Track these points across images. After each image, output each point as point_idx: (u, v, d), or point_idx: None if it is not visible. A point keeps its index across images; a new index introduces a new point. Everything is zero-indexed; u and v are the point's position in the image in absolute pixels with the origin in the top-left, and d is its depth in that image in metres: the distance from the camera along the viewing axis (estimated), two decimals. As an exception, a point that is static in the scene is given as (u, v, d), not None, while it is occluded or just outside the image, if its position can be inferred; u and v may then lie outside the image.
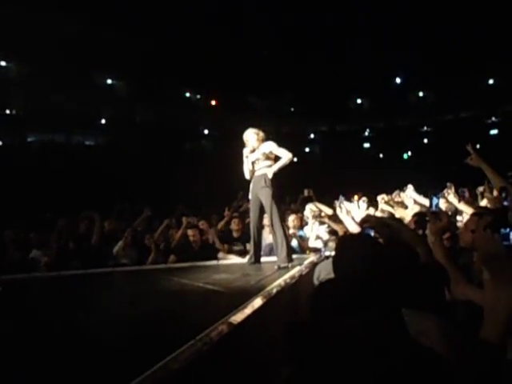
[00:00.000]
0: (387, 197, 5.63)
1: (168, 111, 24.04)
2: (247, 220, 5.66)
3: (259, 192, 4.16)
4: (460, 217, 4.16)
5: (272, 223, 4.09)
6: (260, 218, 4.33)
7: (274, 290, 2.88)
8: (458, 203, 4.00)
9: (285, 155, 4.21)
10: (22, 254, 4.93)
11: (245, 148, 4.30)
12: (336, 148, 27.32)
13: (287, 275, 3.44)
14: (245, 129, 4.41)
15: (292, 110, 28.59)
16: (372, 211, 5.07)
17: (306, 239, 5.27)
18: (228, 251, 5.15)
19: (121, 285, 4.05)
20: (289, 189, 7.31)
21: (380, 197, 5.69)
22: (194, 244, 4.91)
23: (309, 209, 5.31)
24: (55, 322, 2.45)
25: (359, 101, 29.08)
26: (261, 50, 22.21)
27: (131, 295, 3.34)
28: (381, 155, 28.06)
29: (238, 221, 5.55)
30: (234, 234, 5.48)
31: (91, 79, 22.91)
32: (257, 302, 2.51)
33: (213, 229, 5.42)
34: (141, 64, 21.28)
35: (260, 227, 4.37)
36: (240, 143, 4.46)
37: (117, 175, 16.21)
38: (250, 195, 4.30)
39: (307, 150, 29.03)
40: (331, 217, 4.97)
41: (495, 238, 1.15)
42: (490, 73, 24.52)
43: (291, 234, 4.98)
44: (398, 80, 26.13)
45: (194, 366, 1.60)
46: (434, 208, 5.83)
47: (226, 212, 5.88)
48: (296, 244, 5.07)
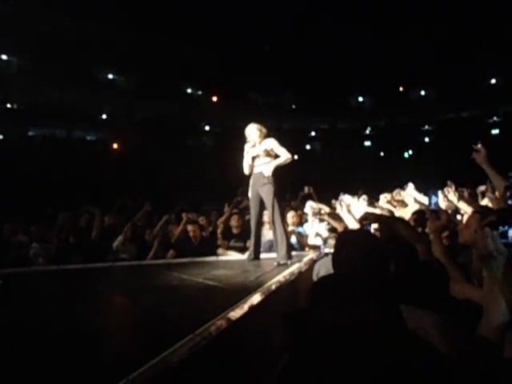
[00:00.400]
0: (389, 196, 5.63)
1: (169, 107, 24.00)
2: (247, 217, 5.67)
3: (260, 189, 4.17)
4: (460, 216, 4.16)
5: (273, 220, 4.10)
6: (260, 215, 4.33)
7: (273, 287, 2.89)
8: (458, 202, 3.99)
9: (284, 155, 4.20)
10: (23, 248, 4.94)
11: (246, 143, 4.30)
12: (337, 146, 27.28)
13: (286, 272, 3.45)
14: (246, 125, 4.39)
15: (293, 107, 28.54)
16: (371, 209, 5.07)
17: (306, 236, 5.28)
18: (227, 247, 5.16)
19: (120, 279, 4.06)
20: (289, 186, 7.31)
21: (383, 196, 5.69)
22: (194, 240, 4.91)
23: (309, 206, 5.32)
24: (54, 316, 2.45)
25: (360, 98, 29.02)
26: (262, 46, 22.15)
27: (130, 290, 3.35)
28: (382, 153, 28.01)
29: (238, 217, 5.56)
30: (234, 231, 5.49)
31: (92, 74, 22.87)
32: (256, 298, 2.52)
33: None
34: (142, 59, 21.24)
35: (260, 224, 4.38)
36: (241, 139, 4.46)
37: (117, 170, 16.23)
38: (250, 192, 4.30)
39: (308, 148, 28.99)
40: (330, 214, 4.97)
41: (494, 237, 1.15)
42: (492, 72, 24.45)
43: (290, 231, 4.99)
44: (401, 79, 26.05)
45: (193, 361, 1.61)
46: (434, 206, 5.83)
47: (226, 208, 5.89)
48: (295, 241, 5.08)
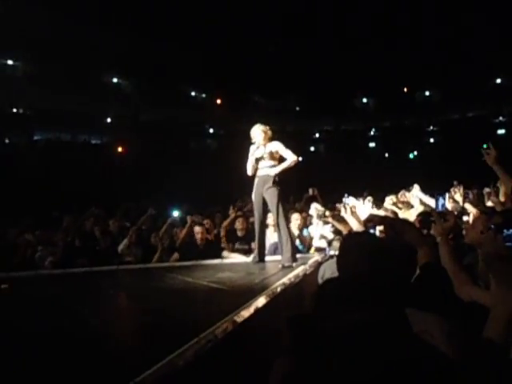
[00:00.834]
0: (395, 198, 5.60)
1: (173, 110, 24.10)
2: (251, 219, 5.67)
3: (264, 191, 4.16)
4: (466, 217, 4.14)
5: (277, 223, 4.09)
6: (264, 217, 4.33)
7: (278, 289, 2.89)
8: (463, 203, 3.97)
9: (290, 157, 4.20)
10: (30, 248, 4.97)
11: (252, 145, 4.29)
12: (341, 147, 27.23)
13: (291, 274, 3.45)
14: (249, 128, 4.38)
15: (297, 109, 28.55)
16: (376, 210, 5.05)
17: (311, 238, 5.27)
18: (232, 250, 5.15)
19: (125, 283, 4.07)
20: (293, 188, 7.30)
21: (388, 198, 5.66)
22: (200, 242, 4.91)
23: (314, 208, 5.31)
24: (60, 320, 2.47)
25: (365, 100, 28.96)
26: (266, 48, 22.18)
27: (136, 293, 3.36)
28: (386, 154, 27.91)
29: (243, 220, 5.56)
30: (239, 233, 5.49)
31: (97, 78, 23.02)
32: (261, 301, 2.52)
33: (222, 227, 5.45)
34: (146, 63, 21.36)
35: (264, 226, 4.37)
36: (245, 142, 4.46)
37: (122, 174, 16.30)
38: (254, 194, 4.30)
39: (312, 149, 28.96)
40: (335, 216, 4.96)
41: (499, 239, 1.14)
42: (498, 72, 24.30)
43: (294, 234, 4.98)
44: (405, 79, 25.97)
45: (198, 364, 1.62)
46: (441, 208, 5.78)
47: (231, 211, 5.88)
48: (298, 243, 5.06)
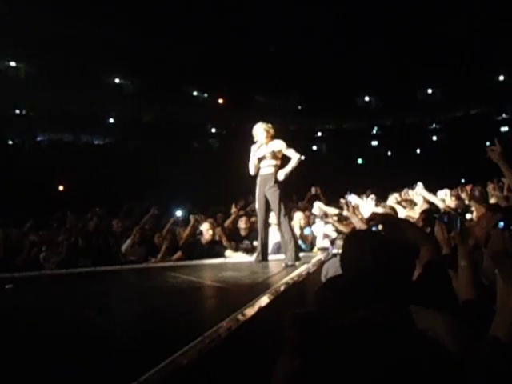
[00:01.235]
0: (399, 197, 5.59)
1: (175, 110, 24.14)
2: (254, 218, 5.67)
3: (267, 191, 4.16)
4: (469, 214, 4.13)
5: (279, 222, 4.09)
6: (267, 217, 4.33)
7: (282, 288, 2.89)
8: (469, 201, 3.97)
9: (294, 156, 4.19)
10: (33, 252, 4.99)
11: (254, 144, 4.28)
12: (343, 146, 27.18)
13: (294, 273, 3.45)
14: (251, 127, 4.37)
15: (299, 108, 28.51)
16: (377, 209, 5.05)
17: (313, 237, 5.27)
18: (235, 249, 5.16)
19: (129, 282, 4.09)
20: (296, 187, 7.29)
21: (393, 196, 5.65)
22: (209, 239, 4.92)
23: (317, 207, 5.31)
24: (64, 319, 2.48)
25: (367, 98, 28.89)
26: (267, 48, 22.16)
27: (140, 292, 3.37)
28: (389, 153, 27.84)
29: (246, 219, 5.57)
30: (242, 232, 5.49)
31: (99, 79, 23.08)
32: (264, 300, 2.52)
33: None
34: (148, 63, 21.39)
35: (267, 225, 4.37)
36: (247, 141, 4.45)
37: (124, 174, 16.33)
38: (257, 193, 4.30)
39: (314, 148, 28.92)
40: (337, 216, 4.99)
41: (505, 236, 1.14)
42: (501, 69, 24.19)
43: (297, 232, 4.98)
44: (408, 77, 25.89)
45: (202, 362, 1.62)
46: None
47: (234, 209, 5.88)
48: (301, 242, 5.07)
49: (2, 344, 2.02)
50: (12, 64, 21.71)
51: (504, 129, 25.46)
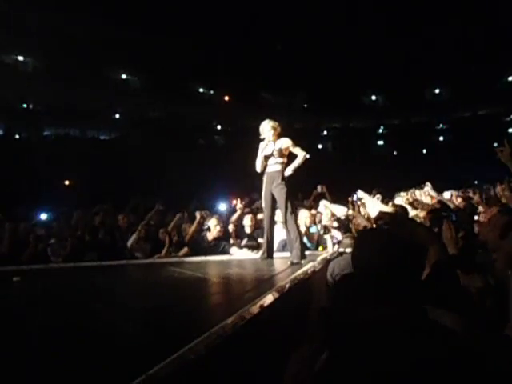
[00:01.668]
0: (410, 197, 5.56)
1: (181, 106, 24.17)
2: (259, 216, 5.67)
3: (273, 189, 4.16)
4: (477, 216, 4.11)
5: (286, 220, 4.09)
6: (273, 214, 4.33)
7: (287, 286, 2.89)
8: (479, 204, 3.94)
9: (300, 154, 4.19)
10: (40, 246, 5.03)
11: (261, 142, 4.28)
12: (349, 145, 27.09)
13: (300, 271, 3.44)
14: (257, 124, 4.36)
15: (305, 106, 28.45)
16: (386, 207, 5.04)
17: (319, 235, 5.27)
18: (241, 246, 5.17)
19: (135, 277, 4.11)
20: (301, 185, 7.28)
21: (398, 196, 5.63)
22: (211, 237, 4.94)
23: (323, 205, 5.30)
24: (71, 313, 2.49)
25: (373, 97, 28.75)
26: (274, 46, 22.11)
27: (145, 288, 3.39)
28: (395, 152, 27.72)
29: (252, 216, 5.57)
30: (247, 230, 5.50)
31: (106, 74, 23.15)
32: (269, 298, 2.52)
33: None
34: (155, 59, 21.41)
35: (273, 223, 4.37)
36: (253, 138, 4.45)
37: (130, 170, 16.40)
38: (264, 191, 4.30)
39: (320, 147, 28.87)
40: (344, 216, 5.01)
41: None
42: (510, 69, 23.95)
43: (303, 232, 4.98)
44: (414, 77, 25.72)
45: (209, 358, 1.63)
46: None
47: (239, 205, 5.87)
48: (307, 240, 5.06)
49: (9, 336, 2.04)
50: (20, 58, 21.82)
51: (512, 130, 25.25)
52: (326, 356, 0.52)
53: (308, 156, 4.32)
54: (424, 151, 27.13)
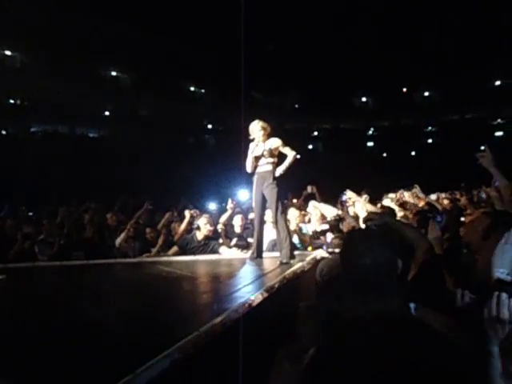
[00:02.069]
0: (400, 198, 5.62)
1: (172, 105, 24.03)
2: (250, 215, 5.67)
3: (264, 189, 4.17)
4: (464, 218, 4.18)
5: (276, 220, 4.10)
6: (263, 214, 4.34)
7: (276, 285, 2.90)
8: (467, 207, 4.00)
9: (290, 154, 4.20)
10: (27, 244, 4.96)
11: (251, 142, 4.28)
12: (339, 146, 27.25)
13: (289, 271, 3.46)
14: (248, 124, 4.36)
15: (296, 107, 28.54)
16: (374, 208, 5.08)
17: (308, 235, 5.29)
18: (230, 246, 5.16)
19: (123, 276, 4.08)
20: (291, 185, 7.31)
21: (386, 197, 5.69)
22: (201, 236, 4.92)
23: (312, 206, 5.33)
24: (59, 312, 2.47)
25: (364, 99, 28.98)
26: (266, 46, 22.12)
27: (133, 287, 3.37)
28: (384, 154, 27.98)
29: (241, 216, 5.57)
30: (237, 229, 5.50)
31: (95, 71, 22.90)
32: (258, 297, 2.53)
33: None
34: (145, 57, 21.26)
35: (263, 223, 4.38)
36: (243, 138, 4.44)
37: (119, 168, 16.26)
38: (254, 191, 4.30)
39: (310, 147, 28.98)
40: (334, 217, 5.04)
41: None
42: (497, 74, 24.38)
43: (292, 231, 4.99)
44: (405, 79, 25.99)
45: (197, 357, 1.63)
46: None
47: (230, 205, 5.87)
48: (297, 240, 5.08)
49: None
50: (7, 53, 21.46)
51: (499, 133, 25.68)
52: (313, 353, 0.53)
53: (298, 156, 4.33)
54: (413, 153, 27.44)
